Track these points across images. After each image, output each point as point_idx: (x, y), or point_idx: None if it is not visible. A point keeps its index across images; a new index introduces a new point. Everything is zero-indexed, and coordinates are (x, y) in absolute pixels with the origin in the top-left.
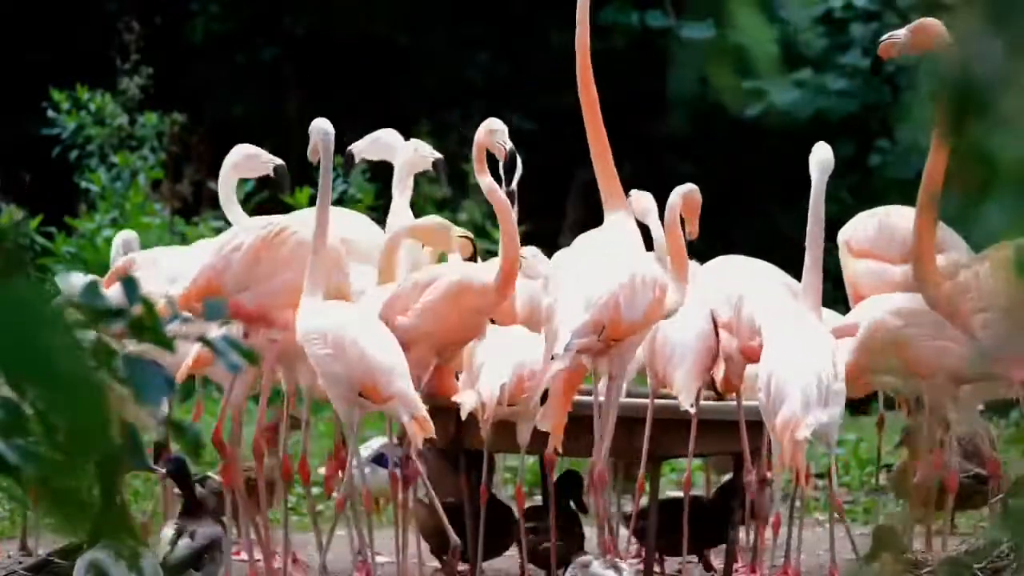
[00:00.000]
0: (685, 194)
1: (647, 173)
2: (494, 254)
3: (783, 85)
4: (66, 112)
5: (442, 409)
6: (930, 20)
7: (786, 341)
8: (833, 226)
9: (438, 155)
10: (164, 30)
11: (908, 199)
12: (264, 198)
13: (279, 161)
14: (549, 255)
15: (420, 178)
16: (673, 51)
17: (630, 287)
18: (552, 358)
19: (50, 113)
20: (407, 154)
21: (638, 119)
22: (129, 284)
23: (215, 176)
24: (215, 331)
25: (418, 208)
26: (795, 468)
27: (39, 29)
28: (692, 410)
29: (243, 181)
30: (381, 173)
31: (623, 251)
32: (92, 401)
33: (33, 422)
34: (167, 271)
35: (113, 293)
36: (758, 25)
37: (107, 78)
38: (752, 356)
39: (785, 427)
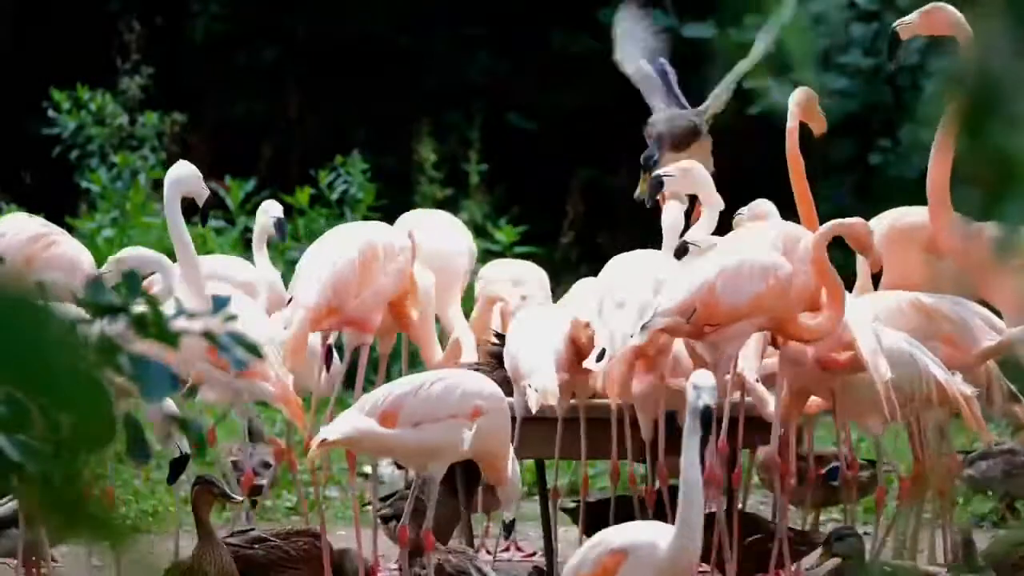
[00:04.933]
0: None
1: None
2: (494, 254)
3: (783, 85)
4: (66, 112)
5: None
6: (941, 4)
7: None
8: None
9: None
10: (164, 30)
11: (910, 198)
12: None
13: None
14: (548, 255)
15: (420, 178)
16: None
17: (734, 272)
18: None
19: (50, 113)
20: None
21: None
22: (131, 279)
23: (215, 176)
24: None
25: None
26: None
27: (39, 29)
28: None
29: (244, 181)
30: (382, 173)
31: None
32: (95, 402)
33: (36, 418)
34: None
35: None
36: (798, 21)
37: (107, 78)
38: (830, 366)
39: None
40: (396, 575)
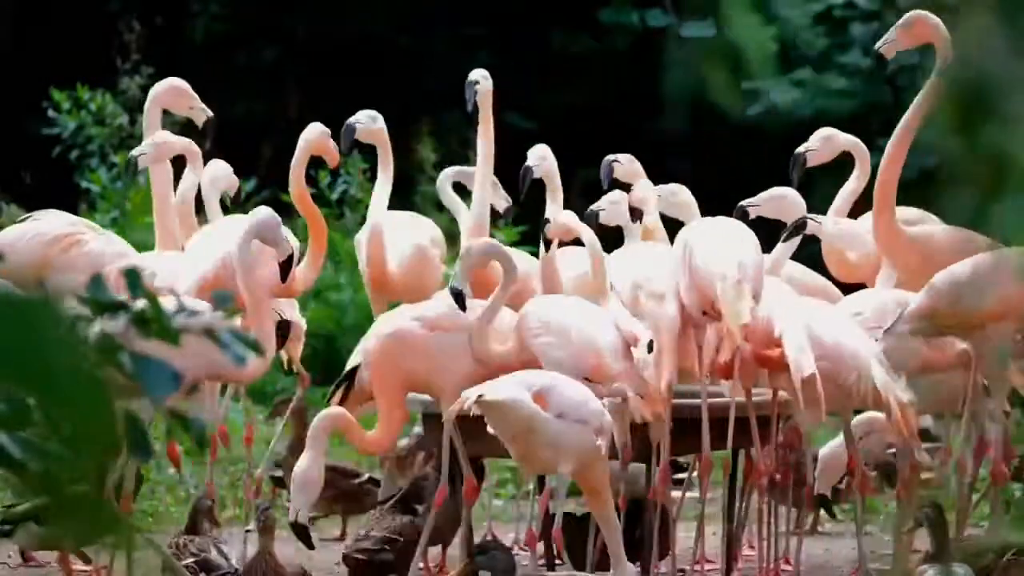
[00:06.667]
0: None
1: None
2: None
3: (783, 85)
4: (66, 112)
5: (438, 415)
6: (919, 12)
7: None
8: None
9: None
10: (164, 30)
11: (909, 198)
12: (265, 198)
13: (209, 112)
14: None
15: (420, 177)
16: (672, 50)
17: (971, 274)
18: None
19: (50, 113)
20: None
21: (638, 119)
22: (131, 276)
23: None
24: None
25: (419, 209)
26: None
27: (39, 29)
28: None
29: (244, 181)
30: None
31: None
32: (96, 403)
33: (37, 416)
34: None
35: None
36: (753, 25)
37: (107, 78)
38: (767, 364)
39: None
40: None
